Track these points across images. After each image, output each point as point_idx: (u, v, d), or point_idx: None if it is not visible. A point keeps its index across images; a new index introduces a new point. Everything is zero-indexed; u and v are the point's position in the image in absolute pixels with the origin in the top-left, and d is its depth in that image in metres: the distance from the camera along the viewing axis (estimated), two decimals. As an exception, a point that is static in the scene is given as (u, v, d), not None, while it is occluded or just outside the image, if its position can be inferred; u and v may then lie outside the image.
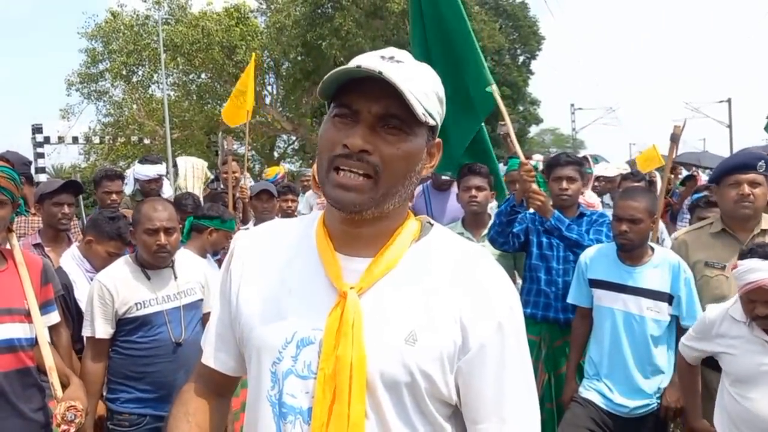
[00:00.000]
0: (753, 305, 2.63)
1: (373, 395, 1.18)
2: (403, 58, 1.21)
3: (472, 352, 1.20)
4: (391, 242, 1.25)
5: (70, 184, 4.02)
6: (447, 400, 1.22)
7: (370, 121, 1.17)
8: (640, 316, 3.26)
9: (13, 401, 2.46)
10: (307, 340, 1.22)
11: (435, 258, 1.26)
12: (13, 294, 2.52)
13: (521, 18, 32.24)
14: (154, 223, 3.03)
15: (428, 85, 1.22)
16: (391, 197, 1.21)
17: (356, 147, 1.15)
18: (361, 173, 1.17)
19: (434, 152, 1.29)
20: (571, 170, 3.85)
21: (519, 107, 32.34)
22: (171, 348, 3.03)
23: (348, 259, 1.25)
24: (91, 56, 25.65)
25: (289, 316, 1.24)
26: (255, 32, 24.69)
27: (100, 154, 26.65)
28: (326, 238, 1.27)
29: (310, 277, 1.26)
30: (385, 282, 1.23)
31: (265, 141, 27.30)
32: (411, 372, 1.17)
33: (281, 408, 1.23)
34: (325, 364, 1.18)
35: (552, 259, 3.84)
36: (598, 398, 3.31)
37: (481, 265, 1.27)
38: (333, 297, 1.22)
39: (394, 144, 1.18)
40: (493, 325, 1.21)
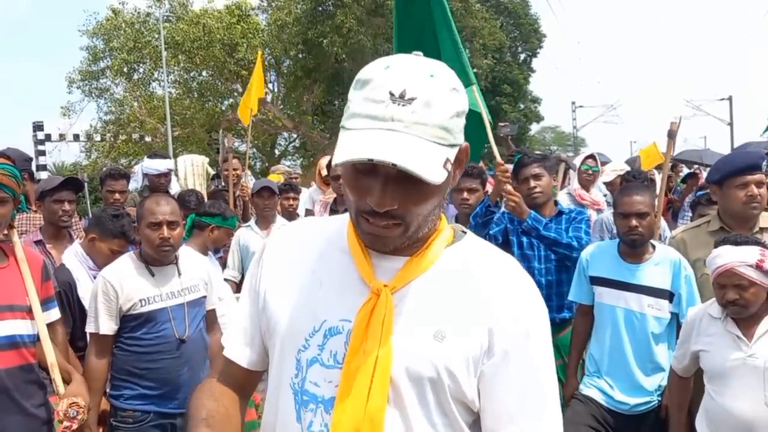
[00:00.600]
0: (723, 291, 2.69)
1: (396, 391, 1.19)
2: (415, 90, 1.10)
3: (496, 357, 1.20)
4: (427, 246, 1.26)
5: (71, 181, 4.02)
6: (470, 404, 1.22)
7: (391, 173, 1.12)
8: (641, 314, 3.26)
9: (15, 398, 2.46)
10: (335, 329, 1.23)
11: (467, 264, 1.27)
12: (14, 290, 2.53)
13: (522, 15, 32.22)
14: (156, 217, 3.04)
15: (447, 112, 1.13)
16: (424, 227, 1.22)
17: (382, 207, 1.14)
18: (390, 224, 1.17)
19: (462, 158, 1.25)
20: (535, 168, 3.85)
21: (520, 105, 32.34)
22: (175, 344, 3.03)
23: (381, 257, 1.25)
24: (92, 53, 25.67)
25: (319, 305, 1.25)
26: (256, 30, 24.69)
27: (101, 151, 26.65)
28: (358, 238, 1.27)
29: (342, 272, 1.27)
30: (418, 283, 1.24)
31: (266, 139, 27.30)
32: (437, 368, 1.18)
33: (303, 395, 1.24)
34: (352, 357, 1.19)
35: (533, 259, 3.82)
36: (598, 395, 3.31)
37: (511, 273, 1.28)
38: (364, 292, 1.23)
39: (418, 192, 1.16)
40: (520, 333, 1.21)
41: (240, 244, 5.00)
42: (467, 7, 23.47)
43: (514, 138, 6.73)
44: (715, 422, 2.72)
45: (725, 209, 3.34)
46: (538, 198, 3.84)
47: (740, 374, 2.64)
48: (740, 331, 2.69)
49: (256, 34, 24.46)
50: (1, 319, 2.45)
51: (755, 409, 2.58)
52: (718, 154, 11.73)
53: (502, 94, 29.98)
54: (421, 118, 1.11)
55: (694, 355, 2.85)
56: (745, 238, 2.76)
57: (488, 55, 25.65)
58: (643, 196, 3.32)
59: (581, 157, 5.77)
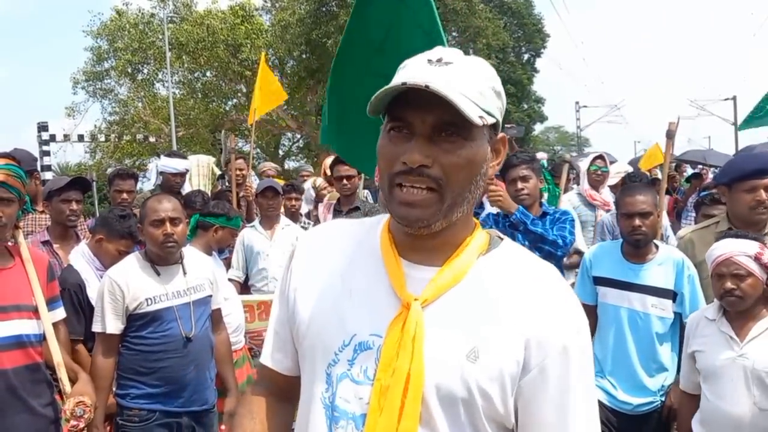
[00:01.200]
0: (722, 281, 2.70)
1: (427, 409, 1.15)
2: (452, 58, 1.15)
3: (533, 373, 1.15)
4: (459, 253, 1.21)
5: (78, 180, 4.03)
6: (504, 422, 1.18)
7: (425, 132, 1.12)
8: (645, 314, 3.27)
9: (23, 397, 2.48)
10: (366, 345, 1.19)
11: (503, 273, 1.21)
12: (21, 290, 2.55)
13: (526, 16, 32.21)
14: (159, 214, 3.07)
15: (483, 82, 1.16)
16: (459, 206, 1.17)
17: (415, 162, 1.11)
18: (424, 187, 1.13)
19: (500, 148, 1.24)
20: (523, 169, 3.82)
21: (523, 105, 32.35)
22: (181, 343, 3.05)
23: (412, 266, 1.21)
24: (96, 54, 25.74)
25: (349, 318, 1.21)
26: (260, 30, 24.73)
27: (105, 152, 26.74)
28: (391, 244, 1.24)
29: (373, 281, 1.23)
30: (451, 295, 1.18)
31: (270, 139, 27.35)
32: (469, 389, 1.14)
33: (333, 411, 1.20)
34: (383, 375, 1.15)
35: None
36: (601, 395, 3.31)
37: (550, 284, 1.22)
38: (395, 304, 1.18)
39: (454, 152, 1.13)
40: (558, 348, 1.16)
41: (244, 245, 5.01)
42: (471, 7, 23.48)
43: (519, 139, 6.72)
44: (708, 422, 2.75)
45: (733, 212, 3.33)
46: (524, 200, 3.80)
47: (731, 374, 2.66)
48: (733, 331, 2.71)
49: (260, 34, 24.50)
50: (8, 319, 2.47)
51: (745, 409, 2.60)
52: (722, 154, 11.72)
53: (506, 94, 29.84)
54: (457, 76, 1.12)
55: (692, 359, 2.85)
56: (745, 233, 2.79)
57: (492, 55, 25.62)
58: (646, 195, 3.33)
59: (590, 158, 5.74)
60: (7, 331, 2.45)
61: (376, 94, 1.12)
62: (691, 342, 2.87)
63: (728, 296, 2.69)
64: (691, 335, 2.88)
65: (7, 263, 2.57)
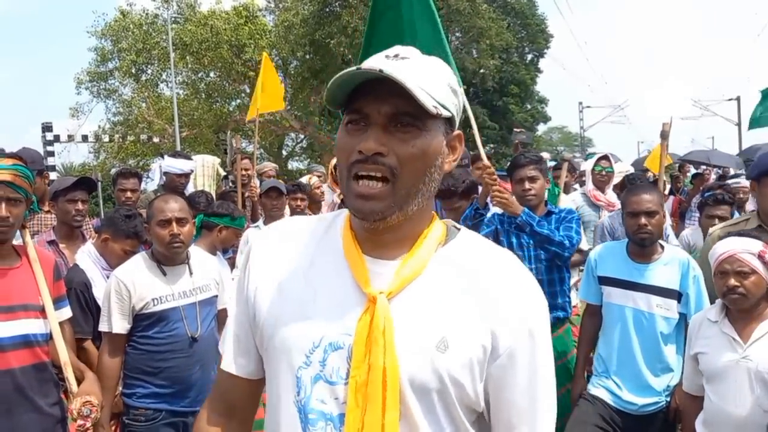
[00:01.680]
0: (725, 279, 2.69)
1: (403, 401, 1.16)
2: (408, 54, 1.18)
3: (502, 359, 1.19)
4: (418, 245, 1.23)
5: (84, 180, 4.04)
6: (474, 406, 1.21)
7: (381, 122, 1.15)
8: (650, 314, 3.27)
9: (30, 396, 2.49)
10: (336, 344, 1.19)
11: (464, 262, 1.23)
12: (28, 290, 2.56)
13: (529, 16, 32.18)
14: (165, 214, 3.08)
15: (437, 77, 1.18)
16: (414, 197, 1.19)
17: (370, 150, 1.14)
18: (379, 176, 1.15)
19: (456, 145, 1.26)
20: (531, 170, 3.81)
21: (527, 105, 32.33)
22: (187, 343, 3.06)
23: (375, 261, 1.22)
24: (100, 55, 25.80)
25: (316, 319, 1.21)
26: (263, 31, 24.77)
27: (109, 152, 26.79)
28: (353, 240, 1.25)
29: (336, 279, 1.23)
30: (415, 286, 1.20)
31: (274, 139, 27.36)
32: (441, 378, 1.16)
33: (308, 414, 1.20)
34: (357, 372, 1.16)
35: (524, 259, 3.77)
36: (606, 395, 3.32)
37: (510, 270, 1.25)
38: (361, 301, 1.19)
39: (409, 142, 1.15)
40: (524, 332, 1.19)
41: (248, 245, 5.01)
42: (474, 8, 23.47)
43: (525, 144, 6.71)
44: (711, 423, 2.74)
45: (762, 207, 3.28)
46: (531, 200, 3.80)
47: (734, 376, 2.65)
48: (736, 332, 2.70)
49: (264, 35, 24.53)
50: (16, 318, 2.48)
51: (748, 411, 2.60)
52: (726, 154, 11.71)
53: (509, 94, 29.99)
54: (412, 69, 1.14)
55: (695, 360, 2.85)
56: (749, 232, 2.79)
57: (495, 56, 25.63)
58: (652, 194, 3.33)
59: (594, 158, 5.74)
60: (15, 331, 2.46)
61: (332, 80, 1.14)
62: (693, 344, 2.86)
63: (731, 294, 2.68)
64: (693, 337, 2.87)
65: (14, 263, 2.58)
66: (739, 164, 10.29)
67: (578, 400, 3.43)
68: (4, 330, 2.43)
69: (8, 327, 2.45)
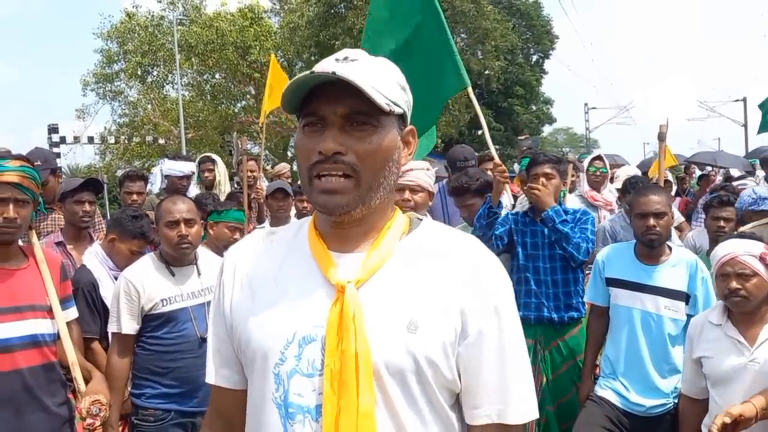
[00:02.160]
0: (726, 281, 2.68)
1: (381, 385, 1.19)
2: (357, 56, 1.23)
3: (471, 338, 1.22)
4: (383, 236, 1.27)
5: (91, 182, 4.06)
6: (452, 387, 1.24)
7: (337, 122, 1.20)
8: (658, 315, 3.26)
9: (38, 396, 2.50)
10: (309, 338, 1.23)
11: (428, 249, 1.28)
12: (35, 290, 2.57)
13: (534, 17, 32.13)
14: (174, 215, 3.08)
15: (387, 76, 1.25)
16: (375, 191, 1.23)
17: (329, 150, 1.18)
18: (340, 174, 1.19)
19: (410, 140, 1.32)
20: (548, 168, 3.81)
21: (532, 107, 32.27)
22: (196, 344, 3.06)
23: (341, 255, 1.26)
24: (106, 56, 25.89)
25: (288, 316, 1.25)
26: (268, 32, 24.82)
27: (115, 154, 26.88)
28: (318, 238, 1.29)
29: (305, 276, 1.27)
30: (381, 274, 1.24)
31: (279, 140, 27.41)
32: (416, 359, 1.19)
33: (287, 409, 1.23)
34: (331, 360, 1.19)
35: (539, 259, 3.79)
36: (614, 397, 3.31)
37: (473, 252, 1.29)
38: (331, 293, 1.23)
39: (365, 139, 1.20)
40: (491, 310, 1.23)
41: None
42: (479, 9, 23.45)
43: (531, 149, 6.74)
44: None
45: None
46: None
47: (742, 379, 2.63)
48: (741, 335, 2.68)
49: (269, 36, 24.58)
50: (24, 319, 2.49)
51: None
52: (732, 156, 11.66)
53: (515, 95, 29.93)
54: (362, 70, 1.19)
55: (698, 363, 2.83)
56: (750, 234, 2.80)
57: (500, 57, 25.59)
58: (660, 195, 3.32)
59: (588, 159, 5.77)
60: (23, 331, 2.47)
61: (288, 85, 1.20)
62: (695, 347, 2.84)
63: (733, 296, 2.66)
64: (694, 340, 2.85)
65: (21, 263, 2.59)
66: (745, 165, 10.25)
67: (585, 401, 3.43)
68: (12, 330, 2.44)
69: (16, 327, 2.46)
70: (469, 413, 1.26)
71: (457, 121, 23.03)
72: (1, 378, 2.41)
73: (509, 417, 1.24)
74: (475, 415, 1.25)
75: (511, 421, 1.25)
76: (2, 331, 2.42)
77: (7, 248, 2.54)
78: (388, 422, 1.20)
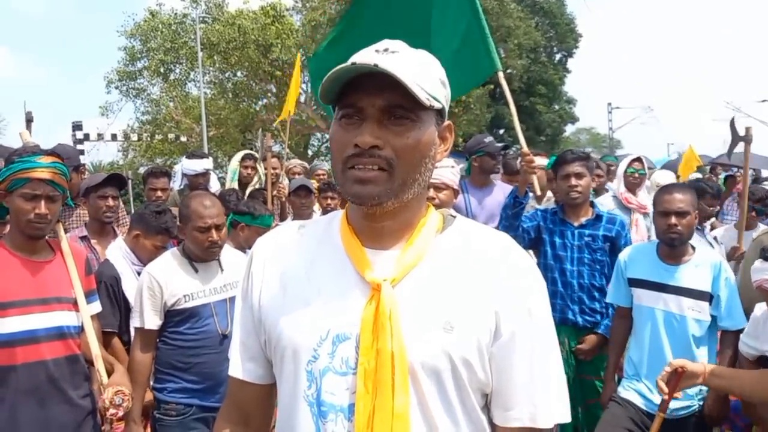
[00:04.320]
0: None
1: (416, 386, 1.18)
2: (397, 48, 1.21)
3: (504, 338, 1.21)
4: (417, 233, 1.26)
5: (114, 177, 4.10)
6: (485, 388, 1.23)
7: (375, 116, 1.18)
8: (681, 316, 3.22)
9: (63, 387, 2.53)
10: (343, 335, 1.21)
11: (463, 247, 1.27)
12: (61, 283, 2.61)
13: (558, 15, 31.89)
14: (205, 221, 3.07)
15: (428, 70, 1.22)
16: (410, 186, 1.22)
17: (366, 144, 1.16)
18: (376, 168, 1.18)
19: (446, 136, 1.30)
20: (578, 166, 3.79)
21: (555, 106, 32.05)
22: (218, 340, 3.08)
23: (375, 252, 1.25)
24: (129, 54, 26.13)
25: (321, 314, 1.23)
26: (290, 30, 24.87)
27: (138, 151, 27.12)
28: (351, 234, 1.27)
29: (338, 273, 1.26)
30: (416, 273, 1.23)
31: (300, 139, 27.51)
32: (452, 360, 1.18)
33: (320, 407, 1.22)
34: (365, 359, 1.18)
35: (566, 260, 3.77)
36: (637, 398, 3.27)
37: (507, 251, 1.28)
38: (365, 291, 1.22)
39: (403, 134, 1.18)
40: (524, 311, 1.22)
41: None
42: (502, 7, 23.36)
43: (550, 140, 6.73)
44: None
45: None
46: (577, 198, 3.78)
47: None
48: None
49: (291, 34, 24.64)
50: (51, 311, 2.53)
51: None
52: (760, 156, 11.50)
53: (537, 94, 29.74)
54: (404, 63, 1.17)
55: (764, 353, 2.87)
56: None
57: (523, 55, 25.46)
58: (685, 194, 3.26)
59: (627, 161, 5.68)
60: (49, 322, 2.51)
61: (327, 75, 1.16)
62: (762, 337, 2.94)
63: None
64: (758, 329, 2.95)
65: (48, 256, 2.63)
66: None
67: (608, 402, 3.39)
68: (38, 321, 2.48)
69: (44, 318, 2.50)
70: (500, 415, 1.25)
71: (478, 120, 22.96)
72: (27, 369, 2.45)
73: (541, 420, 1.23)
74: (506, 418, 1.24)
75: (543, 424, 1.23)
76: (29, 322, 2.46)
77: (36, 242, 2.59)
78: (421, 423, 1.18)
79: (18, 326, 2.44)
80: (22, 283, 2.49)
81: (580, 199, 3.80)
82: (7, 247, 2.54)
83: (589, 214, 3.86)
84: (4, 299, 2.43)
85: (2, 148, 5.84)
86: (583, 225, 3.82)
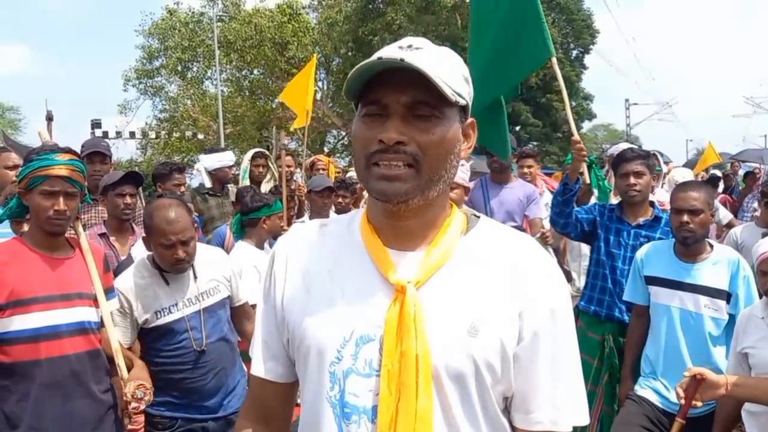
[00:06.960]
0: (765, 278, 2.73)
1: (439, 389, 1.17)
2: (421, 44, 1.20)
3: (526, 341, 1.20)
4: (442, 234, 1.24)
5: (132, 174, 4.13)
6: (506, 392, 1.22)
7: (400, 112, 1.16)
8: (698, 314, 3.19)
9: (85, 382, 2.57)
10: (367, 337, 1.20)
11: (487, 249, 1.25)
12: (82, 279, 2.64)
13: (575, 11, 31.63)
14: (169, 238, 2.82)
15: (452, 67, 1.21)
16: (436, 183, 1.20)
17: (391, 140, 1.15)
18: (402, 164, 1.16)
19: (470, 133, 1.28)
20: (638, 164, 3.70)
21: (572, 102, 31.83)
22: (194, 356, 2.93)
23: (398, 253, 1.23)
24: (147, 53, 26.34)
25: (345, 315, 1.22)
26: (306, 28, 24.97)
27: (156, 148, 27.34)
28: (373, 233, 1.26)
29: (362, 274, 1.24)
30: (441, 275, 1.21)
31: (316, 136, 27.57)
32: (476, 363, 1.17)
33: (343, 408, 1.21)
34: (389, 361, 1.17)
35: (618, 258, 3.71)
36: (654, 396, 3.26)
37: (531, 253, 1.26)
38: (389, 293, 1.20)
39: (428, 130, 1.16)
40: (547, 313, 1.21)
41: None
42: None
43: None
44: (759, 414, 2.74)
45: None
46: (636, 196, 3.70)
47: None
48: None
49: (307, 32, 24.73)
50: (72, 306, 2.56)
51: None
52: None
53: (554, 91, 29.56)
54: (428, 59, 1.16)
55: (743, 356, 2.81)
56: None
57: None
58: (699, 192, 3.23)
59: None
60: (71, 318, 2.55)
61: (354, 70, 1.16)
62: (741, 340, 2.82)
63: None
64: (740, 333, 2.83)
65: (68, 253, 2.67)
66: (794, 163, 9.99)
67: (625, 400, 3.38)
68: (62, 317, 2.52)
69: (66, 314, 2.54)
70: (521, 418, 1.24)
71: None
72: (50, 363, 2.48)
73: (562, 423, 1.23)
74: (528, 421, 1.23)
75: (563, 428, 1.23)
76: (52, 317, 2.50)
77: (56, 238, 2.62)
78: (443, 427, 1.18)
79: (41, 322, 2.47)
80: (44, 279, 2.53)
81: (639, 197, 3.71)
82: (28, 244, 2.58)
83: (647, 215, 3.77)
84: (27, 295, 2.47)
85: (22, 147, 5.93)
86: (641, 225, 3.73)
